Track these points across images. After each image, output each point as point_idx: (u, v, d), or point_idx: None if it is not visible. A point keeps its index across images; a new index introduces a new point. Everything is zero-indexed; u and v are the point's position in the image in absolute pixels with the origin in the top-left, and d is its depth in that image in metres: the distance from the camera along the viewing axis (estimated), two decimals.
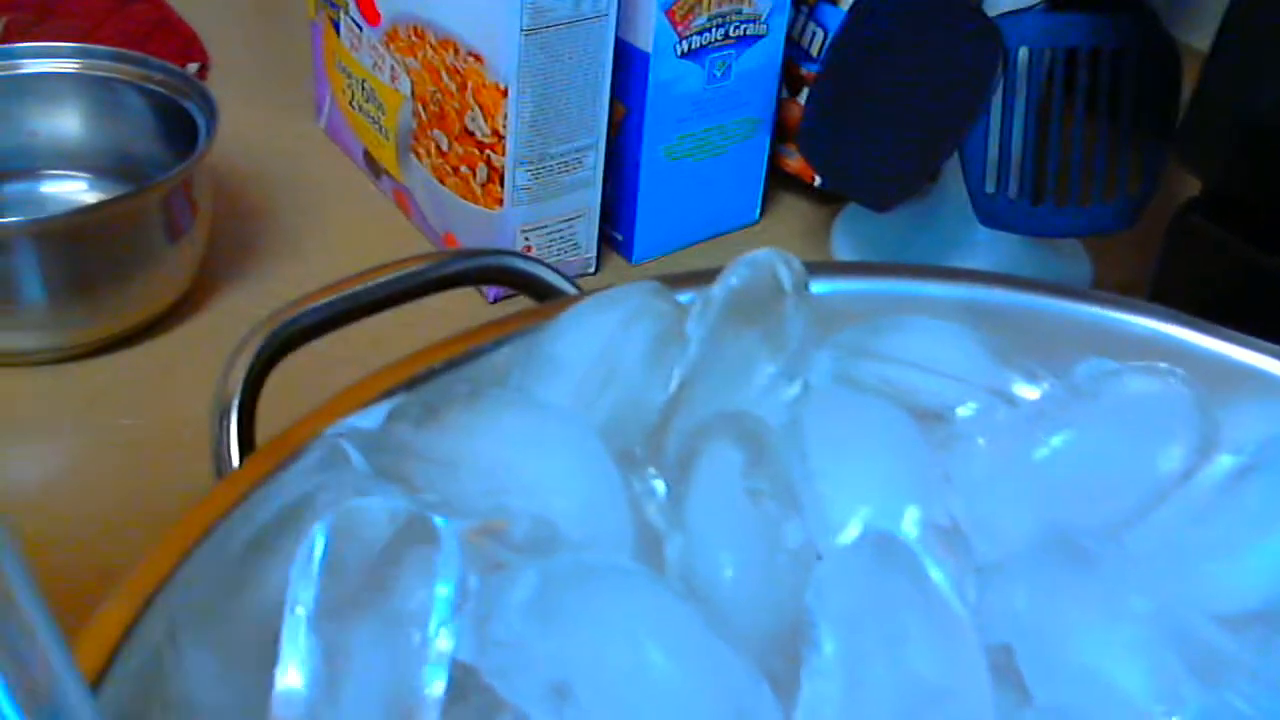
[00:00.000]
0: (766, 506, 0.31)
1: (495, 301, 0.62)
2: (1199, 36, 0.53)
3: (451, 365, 0.36)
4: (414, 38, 0.61)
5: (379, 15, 0.63)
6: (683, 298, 0.37)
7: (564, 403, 0.34)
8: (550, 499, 0.31)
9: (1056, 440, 0.34)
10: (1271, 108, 0.49)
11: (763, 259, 0.35)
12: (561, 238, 0.62)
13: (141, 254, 0.56)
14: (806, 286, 0.35)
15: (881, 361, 0.36)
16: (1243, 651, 0.29)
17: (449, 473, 0.31)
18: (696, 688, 0.27)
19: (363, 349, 0.41)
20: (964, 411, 0.35)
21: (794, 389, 0.35)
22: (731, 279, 0.35)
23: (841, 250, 0.67)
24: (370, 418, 0.34)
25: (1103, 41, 0.58)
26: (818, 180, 0.69)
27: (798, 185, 0.71)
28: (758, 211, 0.70)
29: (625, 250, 0.66)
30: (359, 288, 0.39)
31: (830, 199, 0.71)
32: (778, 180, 0.71)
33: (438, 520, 0.28)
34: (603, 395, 0.34)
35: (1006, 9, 0.58)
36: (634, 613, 0.28)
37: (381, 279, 0.39)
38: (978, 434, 0.34)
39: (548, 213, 0.61)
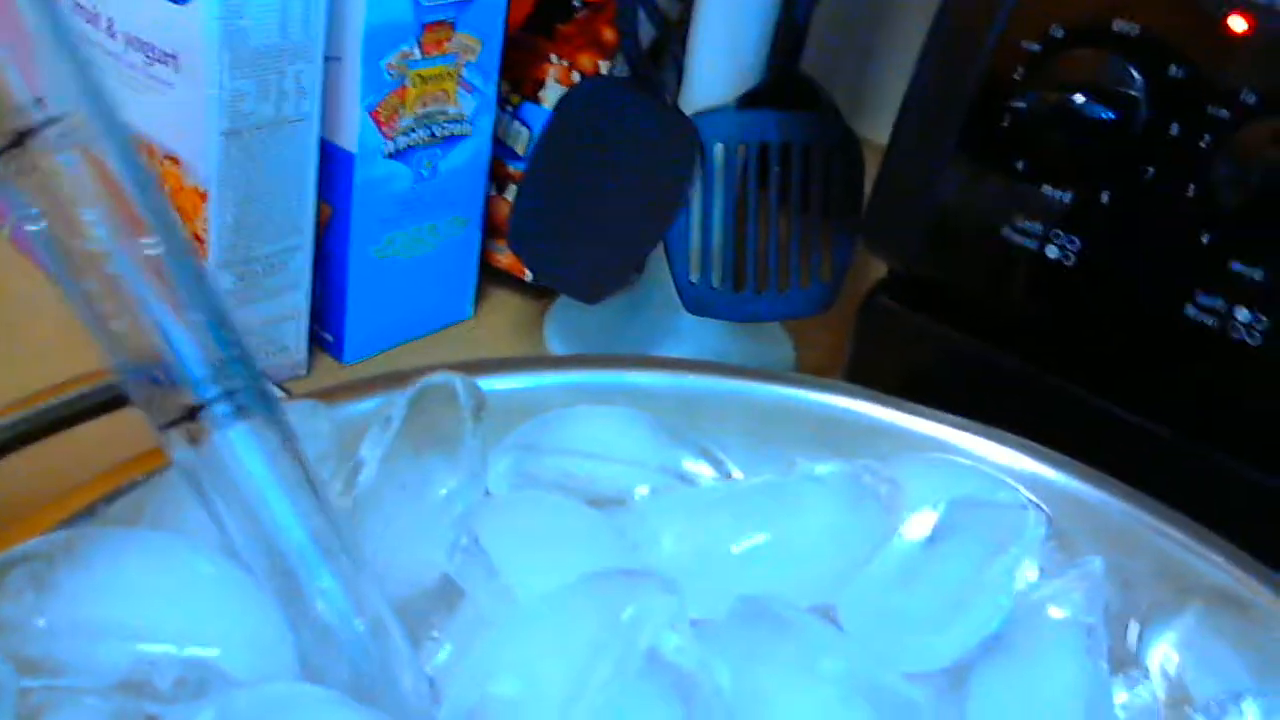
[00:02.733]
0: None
1: None
2: (879, 131, 0.56)
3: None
4: None
5: None
6: (365, 405, 0.37)
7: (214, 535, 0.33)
8: (200, 645, 0.30)
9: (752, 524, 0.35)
10: (945, 195, 0.53)
11: (438, 382, 0.36)
12: (270, 340, 0.61)
13: None
14: (483, 406, 0.36)
15: (556, 455, 0.37)
16: (927, 703, 0.31)
17: (81, 644, 0.30)
18: None
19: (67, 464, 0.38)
20: (641, 493, 0.36)
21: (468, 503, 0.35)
22: (407, 401, 0.35)
23: (554, 342, 0.68)
24: None
25: (792, 137, 0.62)
26: (529, 275, 0.70)
27: (510, 280, 0.72)
28: (471, 308, 0.70)
29: (336, 351, 0.65)
30: (42, 406, 0.36)
31: (542, 293, 0.71)
32: (490, 276, 0.71)
33: None
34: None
35: (702, 107, 0.61)
36: None
37: (69, 395, 0.37)
38: (662, 519, 0.35)
39: (254, 316, 0.60)
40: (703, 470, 0.37)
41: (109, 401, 0.38)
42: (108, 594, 0.30)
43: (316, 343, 0.65)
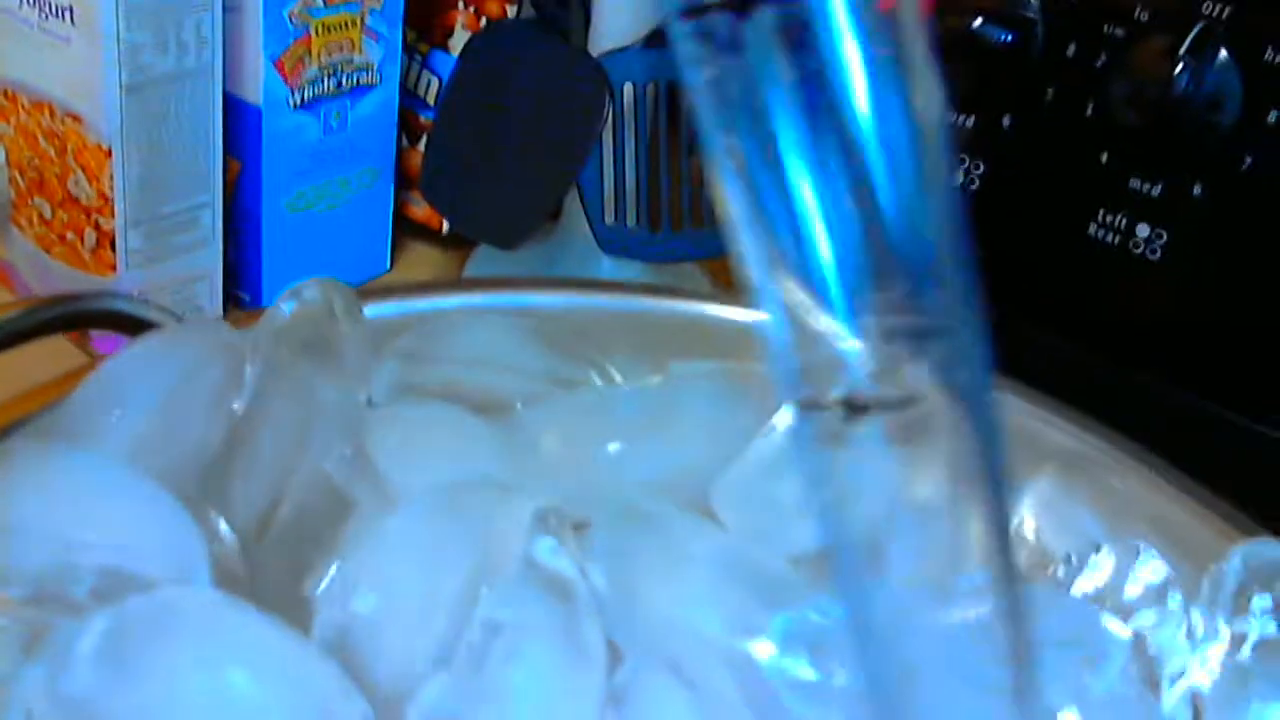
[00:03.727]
0: None
1: None
2: None
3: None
4: (5, 101, 0.58)
5: None
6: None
7: (125, 448, 0.33)
8: (120, 543, 0.30)
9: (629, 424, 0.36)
10: None
11: (308, 289, 0.35)
12: (183, 300, 0.60)
13: None
14: (359, 309, 0.36)
15: (439, 363, 0.37)
16: (800, 579, 0.31)
17: (4, 540, 0.30)
18: (281, 701, 0.27)
19: None
20: (524, 400, 0.37)
21: (353, 414, 0.35)
22: (280, 311, 0.35)
23: None
24: None
25: None
26: (445, 227, 0.70)
27: (426, 232, 0.71)
28: (388, 261, 0.70)
29: (253, 308, 0.64)
30: None
31: (460, 243, 0.71)
32: (406, 228, 0.71)
33: None
34: (166, 439, 0.34)
35: (609, 48, 0.61)
36: (212, 638, 0.27)
37: None
38: (542, 424, 0.35)
39: (165, 275, 0.59)
40: (586, 378, 0.37)
41: (34, 326, 0.38)
42: (31, 494, 0.31)
43: (233, 301, 0.64)
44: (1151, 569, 0.35)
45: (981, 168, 0.50)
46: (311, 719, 0.27)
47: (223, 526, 0.32)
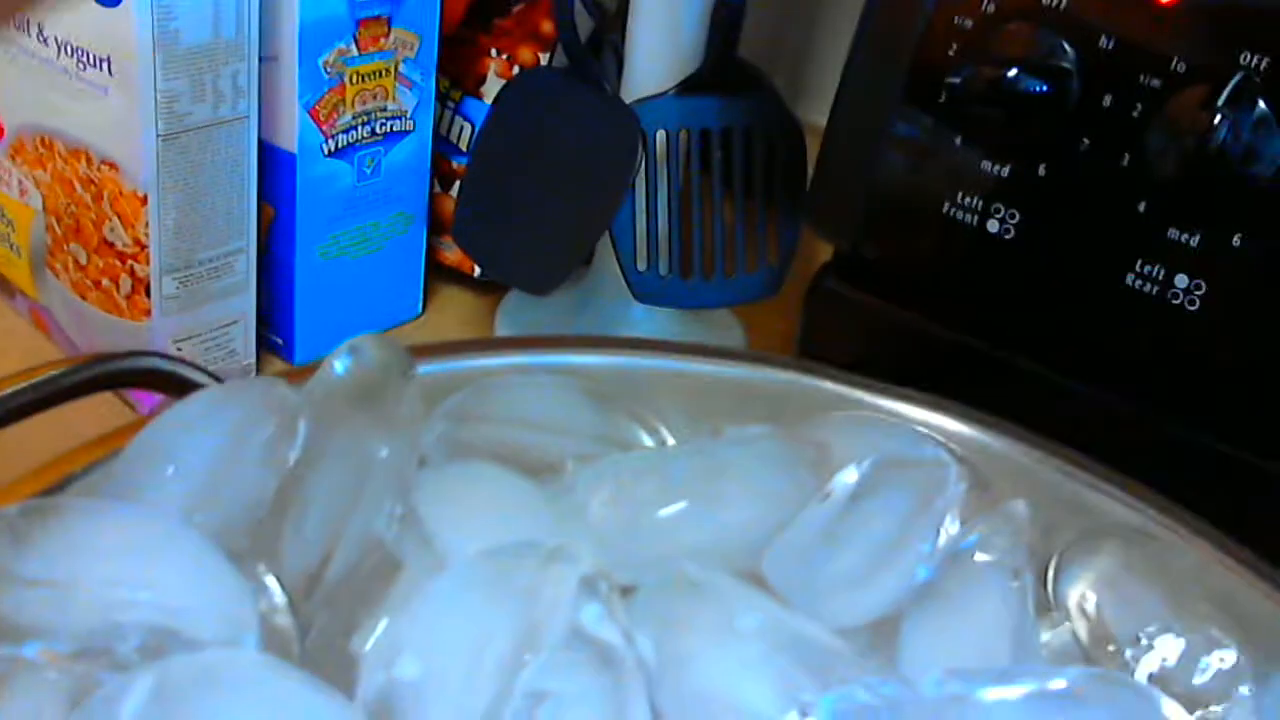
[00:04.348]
0: None
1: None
2: (819, 113, 0.57)
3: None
4: (42, 149, 0.58)
5: (2, 128, 0.60)
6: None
7: (176, 505, 0.33)
8: (169, 603, 0.30)
9: (679, 489, 0.35)
10: (885, 173, 0.53)
11: (362, 345, 0.35)
12: (217, 345, 0.61)
13: None
14: (413, 368, 0.36)
15: (491, 424, 0.37)
16: (851, 651, 0.31)
17: (57, 595, 0.30)
18: None
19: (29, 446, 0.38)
20: (575, 460, 0.36)
21: (405, 474, 0.35)
22: (334, 369, 0.35)
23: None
24: None
25: (733, 122, 0.62)
26: (477, 270, 0.70)
27: (458, 276, 0.72)
28: (420, 305, 0.70)
29: (287, 354, 0.65)
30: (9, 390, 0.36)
31: (491, 288, 0.71)
32: (438, 273, 0.71)
33: None
34: (218, 495, 0.34)
35: (642, 95, 0.61)
36: (256, 702, 0.27)
37: (11, 389, 0.37)
38: (592, 487, 0.35)
39: (200, 320, 0.59)
40: (638, 438, 0.37)
41: (69, 388, 0.38)
42: (84, 549, 0.31)
43: (266, 347, 0.65)
44: (1220, 657, 0.34)
45: (1017, 217, 0.49)
46: None
47: (272, 582, 0.32)
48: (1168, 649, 0.34)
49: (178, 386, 0.39)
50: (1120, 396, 0.49)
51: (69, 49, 0.54)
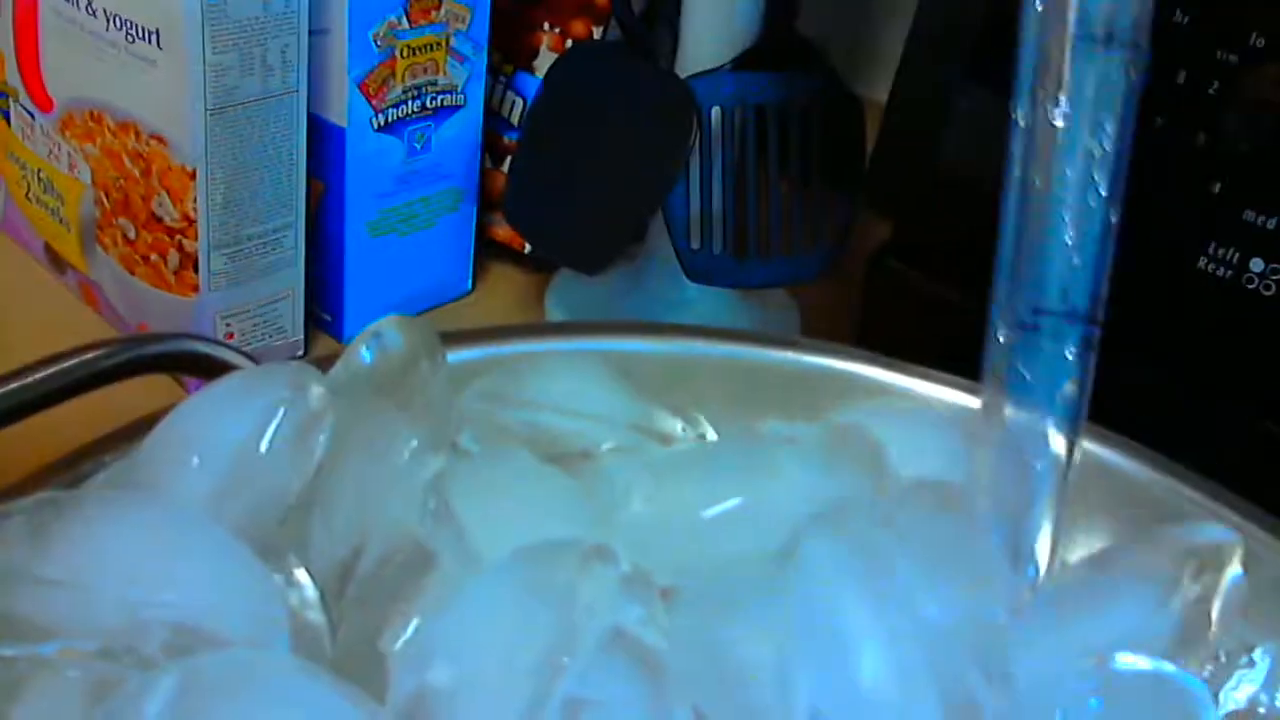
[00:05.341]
0: None
1: None
2: (878, 91, 0.55)
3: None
4: (91, 123, 0.58)
5: (51, 101, 0.60)
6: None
7: (201, 497, 0.32)
8: (195, 601, 0.29)
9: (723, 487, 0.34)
10: (947, 150, 0.51)
11: (387, 329, 0.34)
12: (265, 321, 0.60)
13: None
14: (441, 351, 0.35)
15: (523, 408, 0.36)
16: None
17: (78, 594, 0.29)
18: None
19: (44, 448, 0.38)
20: (609, 448, 0.35)
21: (436, 464, 0.34)
22: (360, 354, 0.34)
23: (556, 316, 0.67)
24: None
25: (790, 98, 0.60)
26: (528, 248, 0.69)
27: (509, 254, 0.71)
28: (470, 282, 0.69)
29: (335, 330, 0.64)
30: (17, 384, 0.35)
31: (542, 266, 0.70)
32: (488, 250, 0.70)
33: None
34: (244, 487, 0.33)
35: (697, 70, 0.60)
36: (281, 704, 0.26)
37: (43, 373, 0.36)
38: (632, 482, 0.34)
39: (248, 297, 0.59)
40: (673, 427, 0.36)
41: (101, 373, 0.37)
42: (106, 546, 0.30)
43: (315, 323, 0.64)
44: None
45: None
46: None
47: (304, 576, 0.31)
48: (1255, 669, 0.32)
49: (219, 370, 0.39)
50: (1191, 385, 0.48)
51: (118, 21, 0.54)
